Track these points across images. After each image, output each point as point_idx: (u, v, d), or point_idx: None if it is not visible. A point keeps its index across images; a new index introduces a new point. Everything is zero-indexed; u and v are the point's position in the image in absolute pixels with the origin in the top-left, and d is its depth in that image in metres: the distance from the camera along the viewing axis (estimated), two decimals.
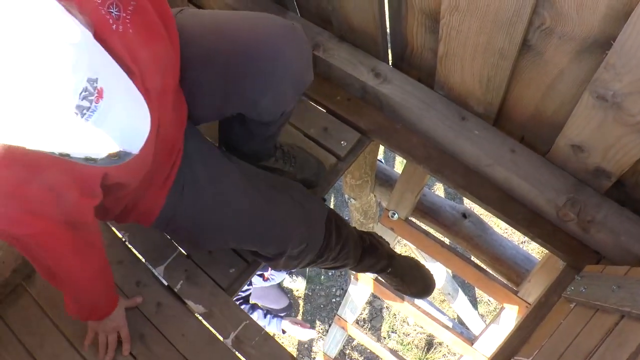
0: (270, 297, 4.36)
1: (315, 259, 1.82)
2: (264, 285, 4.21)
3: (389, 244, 2.38)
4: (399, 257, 2.42)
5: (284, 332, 4.19)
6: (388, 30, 1.76)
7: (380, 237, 2.32)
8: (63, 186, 1.08)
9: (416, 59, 1.77)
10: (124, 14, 1.01)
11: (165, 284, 1.93)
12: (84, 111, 0.75)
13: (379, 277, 2.79)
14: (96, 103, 0.75)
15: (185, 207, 1.52)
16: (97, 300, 1.61)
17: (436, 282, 3.84)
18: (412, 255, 4.79)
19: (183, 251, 1.96)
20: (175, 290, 1.91)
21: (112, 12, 0.91)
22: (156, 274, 1.94)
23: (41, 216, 1.12)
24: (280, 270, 1.80)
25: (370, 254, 2.16)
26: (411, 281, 2.46)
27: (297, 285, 4.91)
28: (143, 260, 1.98)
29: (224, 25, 1.38)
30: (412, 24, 1.63)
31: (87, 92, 0.74)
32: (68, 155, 0.82)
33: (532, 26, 1.29)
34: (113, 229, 2.05)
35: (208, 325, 1.85)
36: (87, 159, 0.83)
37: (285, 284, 4.89)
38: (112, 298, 1.67)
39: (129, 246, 2.00)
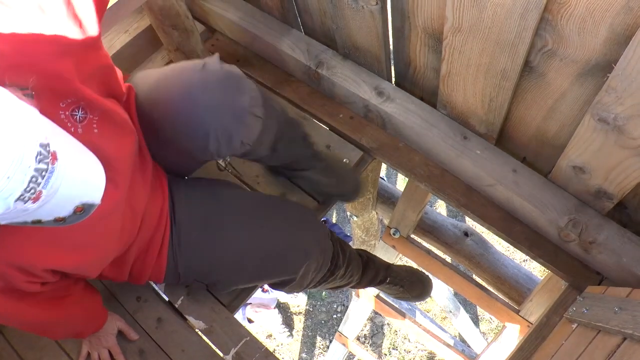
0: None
1: (326, 277, 1.82)
2: (263, 297, 4.20)
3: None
4: (394, 266, 2.46)
5: (250, 321, 4.13)
6: (391, 49, 1.77)
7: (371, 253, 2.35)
8: (6, 271, 1.15)
9: (419, 78, 1.78)
10: (91, 115, 1.10)
11: (166, 299, 1.92)
12: (43, 173, 0.80)
13: (381, 292, 2.78)
14: (52, 165, 0.81)
15: (187, 264, 1.58)
16: (76, 327, 1.61)
17: (438, 299, 3.84)
18: None
19: None
20: (176, 305, 1.90)
21: (77, 114, 0.98)
22: (157, 289, 1.93)
23: None
24: (291, 292, 1.82)
25: (370, 267, 2.19)
26: (410, 285, 2.48)
27: (298, 300, 4.89)
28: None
29: (155, 92, 1.40)
30: (415, 43, 1.64)
31: (42, 156, 0.80)
32: (40, 221, 0.86)
33: (534, 48, 1.30)
34: None
35: (208, 341, 1.84)
36: (56, 220, 0.88)
37: (285, 299, 4.88)
38: (95, 319, 1.68)
39: None
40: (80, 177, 0.89)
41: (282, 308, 4.94)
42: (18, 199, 0.79)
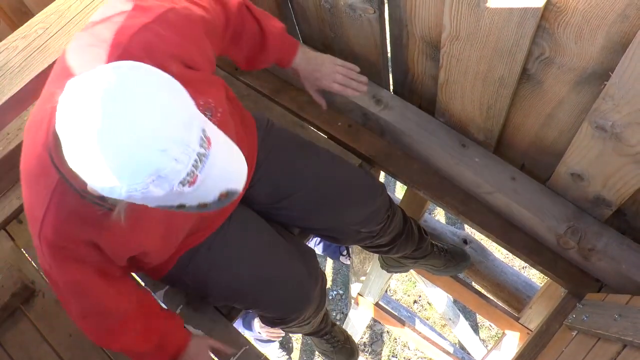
0: None
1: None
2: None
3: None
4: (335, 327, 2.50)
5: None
6: (389, 57, 1.78)
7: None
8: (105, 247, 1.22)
9: (417, 86, 1.79)
10: (214, 119, 1.13)
11: (166, 308, 1.92)
12: (202, 157, 0.85)
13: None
14: (207, 150, 0.86)
15: (193, 270, 1.58)
16: (161, 336, 1.55)
17: (437, 307, 3.82)
18: (413, 280, 4.78)
19: None
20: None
21: (207, 114, 1.01)
22: (156, 298, 1.93)
23: (83, 264, 1.23)
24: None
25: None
26: (340, 350, 2.53)
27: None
28: (143, 284, 1.97)
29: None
30: (413, 51, 1.65)
31: (202, 140, 0.86)
32: (184, 206, 0.91)
33: (532, 56, 1.31)
34: None
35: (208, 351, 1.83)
36: (199, 206, 0.92)
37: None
38: (175, 335, 1.61)
39: None
40: (228, 164, 0.93)
41: None
42: (180, 182, 0.84)
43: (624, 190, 1.42)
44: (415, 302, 4.88)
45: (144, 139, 0.81)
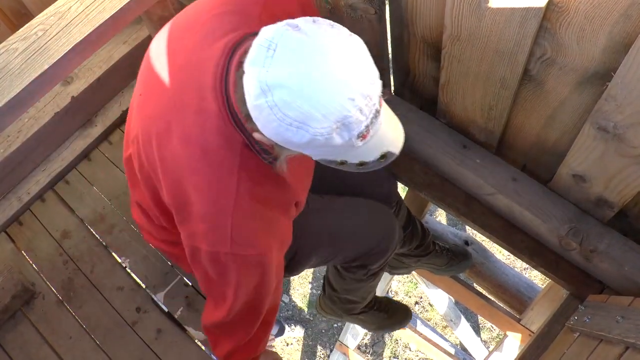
0: None
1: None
2: None
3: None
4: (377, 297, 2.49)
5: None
6: (390, 58, 1.77)
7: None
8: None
9: (418, 87, 1.78)
10: None
11: (166, 310, 1.92)
12: (377, 114, 0.93)
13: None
14: (380, 107, 0.94)
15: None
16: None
17: (439, 308, 3.82)
18: (414, 281, 4.77)
19: (184, 278, 1.95)
20: (176, 316, 1.90)
21: None
22: (156, 300, 1.93)
23: (276, 237, 1.23)
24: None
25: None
26: (393, 313, 2.48)
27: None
28: (144, 286, 1.97)
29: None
30: (414, 52, 1.64)
31: (379, 99, 0.94)
32: (345, 162, 0.99)
33: (533, 56, 1.30)
34: (114, 254, 2.05)
35: (208, 352, 1.83)
36: (359, 164, 1.00)
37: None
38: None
39: (130, 272, 2.00)
40: (391, 127, 1.01)
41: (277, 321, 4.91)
42: (356, 135, 0.91)
43: (626, 192, 1.41)
44: (416, 303, 4.87)
45: (339, 86, 0.88)
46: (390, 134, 1.01)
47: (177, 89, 1.14)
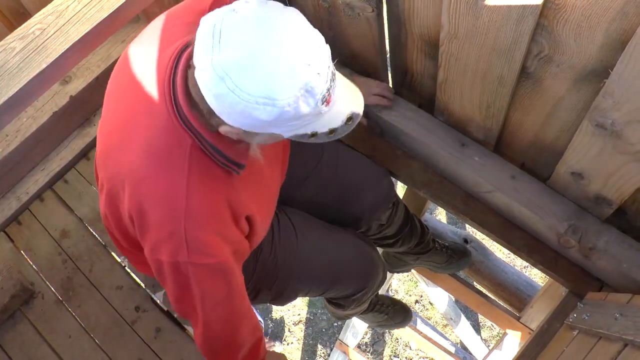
0: None
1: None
2: None
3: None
4: (379, 295, 2.51)
5: None
6: (388, 56, 1.77)
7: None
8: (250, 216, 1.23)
9: (416, 85, 1.78)
10: None
11: (165, 309, 1.92)
12: (333, 77, 0.95)
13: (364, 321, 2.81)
14: (335, 70, 0.97)
15: (277, 249, 1.60)
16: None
17: (439, 307, 3.82)
18: (414, 280, 4.77)
19: None
20: (175, 315, 1.90)
21: None
22: (155, 299, 1.93)
23: (230, 243, 1.19)
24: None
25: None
26: (394, 313, 2.50)
27: (297, 309, 4.87)
28: (143, 285, 1.97)
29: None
30: (412, 50, 1.64)
31: (331, 59, 0.96)
32: (316, 134, 1.00)
33: (531, 54, 1.30)
34: (112, 254, 2.05)
35: None
36: (329, 132, 1.01)
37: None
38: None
39: (129, 271, 2.00)
40: (349, 89, 1.04)
41: (277, 321, 4.92)
42: (320, 99, 0.92)
43: (625, 189, 1.41)
44: (416, 302, 4.88)
45: (293, 55, 0.89)
46: (350, 96, 1.03)
47: (128, 102, 1.14)
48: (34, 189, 2.17)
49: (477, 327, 4.68)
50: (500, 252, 4.46)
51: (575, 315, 1.60)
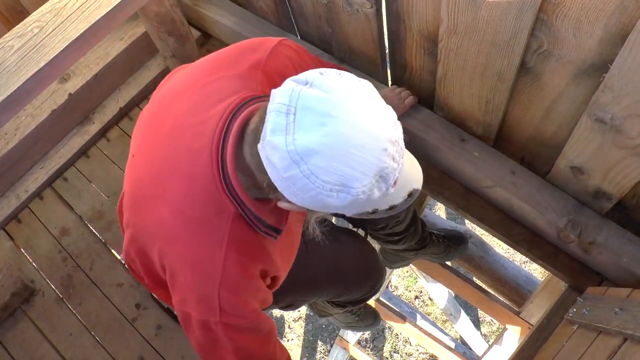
0: None
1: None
2: None
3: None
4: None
5: None
6: (387, 52, 1.77)
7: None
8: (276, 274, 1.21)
9: (415, 81, 1.78)
10: None
11: (166, 306, 1.92)
12: (400, 159, 0.90)
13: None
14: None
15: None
16: None
17: (438, 302, 3.82)
18: (414, 276, 4.77)
19: None
20: (176, 312, 1.90)
21: None
22: (156, 296, 1.93)
23: (259, 301, 1.17)
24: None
25: None
26: (364, 315, 2.52)
27: None
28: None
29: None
30: (411, 46, 1.64)
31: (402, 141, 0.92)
32: (376, 210, 0.94)
33: (530, 49, 1.30)
34: (113, 251, 2.05)
35: None
36: (389, 208, 0.95)
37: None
38: None
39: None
40: (411, 160, 1.00)
41: (278, 318, 4.93)
42: (392, 183, 0.88)
43: (624, 183, 1.41)
44: (416, 297, 4.88)
45: (372, 142, 0.84)
46: (412, 169, 0.98)
47: (168, 153, 1.10)
48: (33, 187, 2.17)
49: (476, 323, 4.69)
50: (499, 247, 4.46)
51: (575, 310, 1.60)
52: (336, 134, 0.83)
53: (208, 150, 1.02)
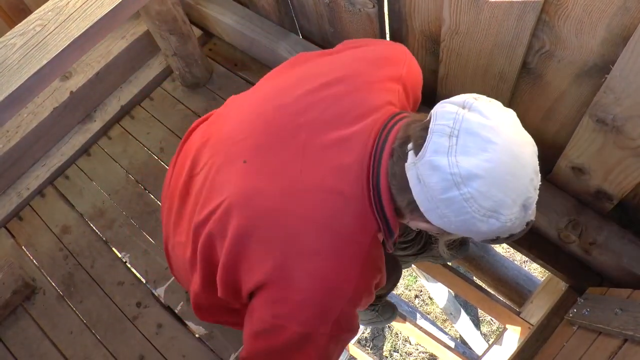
0: None
1: None
2: None
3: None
4: None
5: None
6: None
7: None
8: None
9: None
10: None
11: (166, 305, 1.92)
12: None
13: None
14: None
15: None
16: None
17: (438, 302, 3.82)
18: (414, 275, 4.78)
19: None
20: (176, 311, 1.90)
21: None
22: (157, 295, 1.93)
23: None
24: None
25: None
26: (382, 309, 2.52)
27: None
28: (144, 281, 1.98)
29: None
30: (413, 45, 1.64)
31: None
32: (498, 238, 0.93)
33: (532, 49, 1.30)
34: (114, 249, 2.05)
35: (209, 347, 1.83)
36: (509, 237, 0.93)
37: None
38: None
39: (130, 267, 2.00)
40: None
41: None
42: (531, 211, 0.89)
43: (625, 184, 1.41)
44: (416, 296, 4.89)
45: (523, 169, 0.86)
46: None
47: (304, 168, 1.05)
48: (34, 184, 2.17)
49: (476, 322, 4.69)
50: (500, 246, 4.47)
51: (575, 310, 1.60)
52: (497, 160, 0.84)
53: (358, 166, 1.01)
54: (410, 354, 4.73)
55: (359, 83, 1.13)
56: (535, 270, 4.39)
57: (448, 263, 2.63)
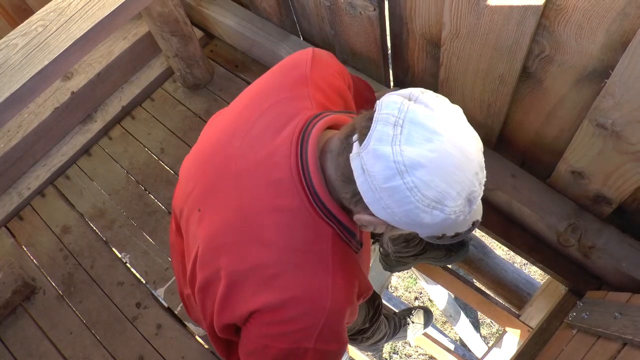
0: None
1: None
2: None
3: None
4: (399, 312, 2.57)
5: None
6: (389, 54, 1.77)
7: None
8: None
9: (417, 84, 1.78)
10: None
11: (166, 305, 1.92)
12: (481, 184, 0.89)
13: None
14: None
15: None
16: None
17: (438, 304, 3.82)
18: (414, 277, 4.78)
19: None
20: (176, 312, 1.90)
21: None
22: (157, 295, 1.93)
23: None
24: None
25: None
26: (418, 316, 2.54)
27: None
28: (144, 281, 1.98)
29: None
30: (414, 49, 1.64)
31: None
32: (443, 236, 0.93)
33: (532, 54, 1.30)
34: (114, 249, 2.05)
35: (208, 348, 1.84)
36: (453, 236, 0.94)
37: None
38: None
39: (130, 268, 2.00)
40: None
41: None
42: (475, 206, 0.88)
43: (625, 188, 1.42)
44: (416, 298, 4.89)
45: (468, 161, 0.85)
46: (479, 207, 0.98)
47: (243, 195, 1.06)
48: (35, 184, 2.17)
49: (476, 325, 4.69)
50: (500, 249, 4.46)
51: (574, 313, 1.60)
52: (441, 151, 0.83)
53: (289, 178, 1.00)
54: (410, 356, 4.73)
55: (272, 99, 1.13)
56: (535, 273, 4.39)
57: (448, 265, 2.63)
